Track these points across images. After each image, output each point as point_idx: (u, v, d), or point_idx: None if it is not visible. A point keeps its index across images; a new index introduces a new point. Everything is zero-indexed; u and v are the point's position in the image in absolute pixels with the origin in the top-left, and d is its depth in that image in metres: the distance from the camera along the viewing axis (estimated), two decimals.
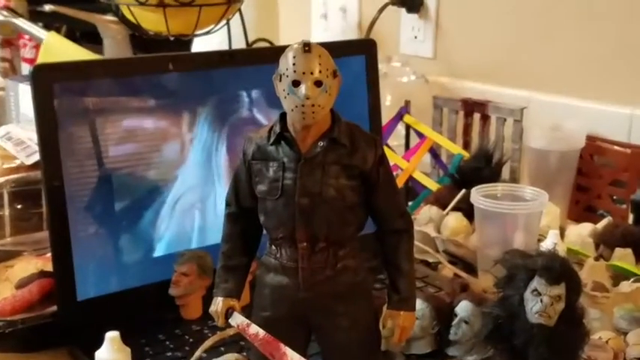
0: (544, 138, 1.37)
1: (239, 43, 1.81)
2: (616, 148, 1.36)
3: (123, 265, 0.98)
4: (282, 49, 0.71)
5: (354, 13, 1.87)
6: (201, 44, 1.70)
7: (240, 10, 1.62)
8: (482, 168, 1.27)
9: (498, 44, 1.58)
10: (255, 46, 1.81)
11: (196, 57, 1.09)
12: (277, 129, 0.72)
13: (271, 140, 0.73)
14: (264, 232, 0.76)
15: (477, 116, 1.50)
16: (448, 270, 1.16)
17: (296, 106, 0.69)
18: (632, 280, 1.06)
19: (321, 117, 0.70)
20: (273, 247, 0.74)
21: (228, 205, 0.78)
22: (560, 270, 0.74)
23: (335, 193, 0.71)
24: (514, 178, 1.42)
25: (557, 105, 1.46)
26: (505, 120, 1.45)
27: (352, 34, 1.86)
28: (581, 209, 1.41)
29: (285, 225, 0.72)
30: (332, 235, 0.72)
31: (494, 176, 1.27)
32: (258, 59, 1.07)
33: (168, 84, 1.00)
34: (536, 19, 1.51)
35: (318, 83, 0.69)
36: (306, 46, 0.69)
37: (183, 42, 1.58)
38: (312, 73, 0.68)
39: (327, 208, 0.71)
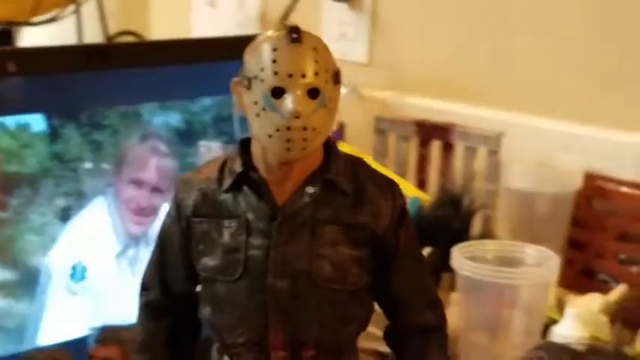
0: (528, 176, 1.39)
1: (93, 37, 1.76)
2: (624, 189, 1.37)
3: None
4: (189, 44, 0.67)
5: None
6: (31, 38, 1.65)
7: None
8: (451, 217, 1.27)
9: (463, 45, 1.57)
10: (119, 40, 1.78)
11: (51, 54, 1.06)
12: (237, 166, 0.67)
13: (226, 185, 0.67)
14: (209, 333, 0.70)
15: (436, 145, 1.50)
16: None
17: (277, 130, 0.63)
18: None
19: (315, 147, 0.65)
20: (226, 357, 0.68)
21: (145, 289, 0.72)
22: None
23: (332, 271, 0.67)
24: (487, 230, 1.40)
25: (545, 132, 1.46)
26: (476, 150, 1.44)
27: (251, 29, 1.83)
28: (575, 272, 1.40)
29: (250, 323, 0.67)
30: (326, 339, 0.68)
31: (463, 229, 1.27)
32: (146, 59, 1.02)
33: (7, 93, 0.98)
34: (519, 9, 1.50)
35: (312, 92, 0.63)
36: (294, 33, 0.63)
37: (6, 34, 1.55)
38: (303, 76, 0.64)
39: (320, 295, 0.67)
